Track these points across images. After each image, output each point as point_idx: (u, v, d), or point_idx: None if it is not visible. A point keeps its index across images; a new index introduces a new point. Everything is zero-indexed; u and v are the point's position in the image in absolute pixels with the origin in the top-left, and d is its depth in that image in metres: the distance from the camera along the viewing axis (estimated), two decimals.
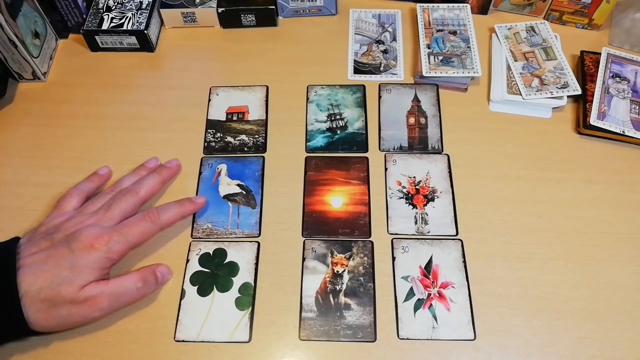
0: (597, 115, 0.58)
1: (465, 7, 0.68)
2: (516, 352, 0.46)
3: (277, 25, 0.70)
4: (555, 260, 0.51)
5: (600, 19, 0.67)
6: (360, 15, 0.71)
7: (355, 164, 0.57)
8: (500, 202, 0.54)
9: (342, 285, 0.50)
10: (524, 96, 0.60)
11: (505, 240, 0.52)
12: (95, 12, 0.67)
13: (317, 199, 0.55)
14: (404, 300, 0.49)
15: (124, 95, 0.64)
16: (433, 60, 0.63)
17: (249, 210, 0.55)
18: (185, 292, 0.50)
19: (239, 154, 0.59)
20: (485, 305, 0.48)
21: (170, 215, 0.50)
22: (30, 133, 0.61)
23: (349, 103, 0.62)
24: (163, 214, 0.49)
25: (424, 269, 0.51)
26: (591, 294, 0.49)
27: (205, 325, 0.48)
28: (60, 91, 0.64)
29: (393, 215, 0.54)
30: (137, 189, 0.51)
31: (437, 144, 0.59)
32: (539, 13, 0.69)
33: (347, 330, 0.47)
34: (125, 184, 0.53)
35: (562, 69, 0.62)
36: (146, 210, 0.49)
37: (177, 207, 0.51)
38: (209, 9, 0.67)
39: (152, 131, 0.60)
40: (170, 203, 0.51)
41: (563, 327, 0.47)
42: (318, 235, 0.53)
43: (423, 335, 0.47)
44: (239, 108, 0.62)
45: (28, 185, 0.57)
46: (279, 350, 0.47)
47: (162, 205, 0.50)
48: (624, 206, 0.54)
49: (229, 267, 0.51)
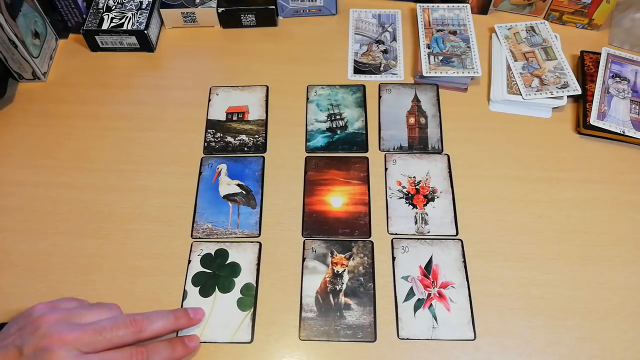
0: (597, 115, 0.58)
1: (465, 7, 0.68)
2: (516, 352, 0.46)
3: (277, 25, 0.70)
4: (555, 260, 0.51)
5: (600, 19, 0.67)
6: (360, 15, 0.71)
7: (355, 164, 0.57)
8: (500, 202, 0.55)
9: (342, 285, 0.50)
10: (524, 96, 0.60)
11: (505, 240, 0.52)
12: (95, 12, 0.67)
13: (317, 199, 0.55)
14: (404, 300, 0.49)
15: (124, 95, 0.64)
16: (433, 60, 0.63)
17: (249, 210, 0.55)
18: (187, 293, 0.50)
19: (239, 154, 0.59)
20: (485, 305, 0.49)
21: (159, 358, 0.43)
22: (30, 133, 0.61)
23: (349, 103, 0.62)
24: (152, 356, 0.42)
25: (424, 269, 0.51)
26: (591, 294, 0.49)
27: (207, 326, 0.48)
28: (60, 91, 0.64)
29: (393, 215, 0.54)
30: (143, 327, 0.42)
31: (437, 144, 0.59)
32: (539, 13, 0.69)
33: (347, 330, 0.48)
34: (151, 316, 0.44)
35: (562, 69, 0.62)
36: (134, 349, 0.42)
37: (169, 349, 0.44)
38: (209, 9, 0.67)
39: (152, 131, 0.60)
40: (161, 344, 0.44)
41: (563, 327, 0.47)
42: (318, 235, 0.53)
43: (423, 335, 0.47)
44: (239, 108, 0.62)
45: (28, 185, 0.57)
46: (279, 350, 0.47)
47: (152, 346, 0.43)
48: (624, 206, 0.54)
49: (230, 268, 0.51)
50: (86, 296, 0.47)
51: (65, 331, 0.40)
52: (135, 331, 0.41)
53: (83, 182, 0.57)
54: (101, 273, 0.51)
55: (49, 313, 0.42)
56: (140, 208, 0.55)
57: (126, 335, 0.41)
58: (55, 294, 0.50)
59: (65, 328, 0.40)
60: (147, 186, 0.56)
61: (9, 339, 0.41)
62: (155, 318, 0.43)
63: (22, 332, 0.41)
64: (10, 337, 0.41)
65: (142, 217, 0.54)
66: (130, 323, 0.42)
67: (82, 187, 0.56)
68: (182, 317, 0.45)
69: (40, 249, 0.52)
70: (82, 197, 0.56)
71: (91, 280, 0.51)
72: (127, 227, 0.54)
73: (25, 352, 0.39)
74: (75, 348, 0.39)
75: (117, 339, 0.41)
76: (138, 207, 0.55)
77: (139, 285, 0.50)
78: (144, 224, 0.54)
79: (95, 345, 0.40)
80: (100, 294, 0.50)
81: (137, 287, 0.50)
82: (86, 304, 0.45)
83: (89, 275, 0.51)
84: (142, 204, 0.55)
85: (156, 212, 0.55)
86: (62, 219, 0.54)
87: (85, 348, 0.40)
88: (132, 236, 0.53)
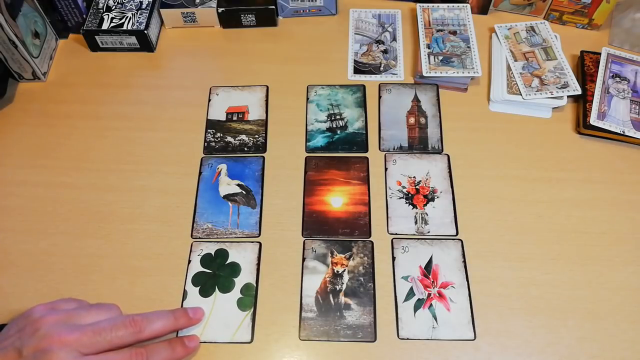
0: (597, 115, 0.58)
1: (465, 7, 0.68)
2: (516, 352, 0.46)
3: (277, 25, 0.70)
4: (555, 260, 0.51)
5: (600, 19, 0.67)
6: (360, 15, 0.71)
7: (355, 164, 0.57)
8: (500, 202, 0.55)
9: (342, 285, 0.50)
10: (524, 96, 0.60)
11: (505, 240, 0.52)
12: (95, 12, 0.67)
13: (317, 199, 0.55)
14: (404, 300, 0.49)
15: (124, 96, 0.64)
16: (433, 60, 0.63)
17: (249, 210, 0.55)
18: (187, 293, 0.50)
19: (239, 154, 0.59)
20: (485, 305, 0.49)
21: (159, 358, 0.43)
22: (30, 133, 0.61)
23: (349, 103, 0.62)
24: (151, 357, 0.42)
25: (424, 269, 0.51)
26: (591, 294, 0.49)
27: (207, 326, 0.48)
28: (60, 91, 0.64)
29: (393, 215, 0.54)
30: (142, 328, 0.42)
31: (437, 144, 0.59)
32: (539, 13, 0.69)
33: (347, 330, 0.48)
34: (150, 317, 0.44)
35: (562, 69, 0.62)
36: (133, 350, 0.42)
37: (169, 349, 0.44)
38: (209, 9, 0.67)
39: (152, 131, 0.60)
40: (161, 344, 0.44)
41: (563, 327, 0.47)
42: (318, 235, 0.53)
43: (423, 335, 0.47)
44: (239, 108, 0.62)
45: (28, 185, 0.57)
46: (279, 350, 0.47)
47: (151, 346, 0.43)
48: (624, 206, 0.54)
49: (230, 268, 0.51)
50: (86, 296, 0.47)
51: (65, 332, 0.40)
52: (134, 332, 0.41)
53: (83, 182, 0.57)
54: (101, 273, 0.51)
55: (49, 314, 0.42)
56: (140, 208, 0.55)
57: (125, 335, 0.41)
58: (55, 294, 0.50)
59: (64, 329, 0.40)
60: (147, 186, 0.56)
61: (8, 341, 0.41)
62: (155, 318, 0.43)
63: (21, 333, 0.41)
64: (10, 339, 0.41)
65: (142, 217, 0.54)
66: (129, 324, 0.42)
67: (82, 187, 0.56)
68: (182, 317, 0.45)
69: (40, 249, 0.52)
70: (82, 197, 0.56)
71: (91, 280, 0.51)
72: (127, 227, 0.54)
73: (24, 353, 0.39)
74: (74, 349, 0.39)
75: (117, 339, 0.41)
76: (138, 207, 0.55)
77: (139, 285, 0.50)
78: (144, 224, 0.54)
79: (94, 346, 0.40)
80: (100, 294, 0.50)
81: (137, 287, 0.50)
82: (86, 305, 0.45)
83: (89, 275, 0.51)
84: (142, 204, 0.55)
85: (156, 212, 0.55)
86: (62, 219, 0.54)
87: (84, 349, 0.40)
88: (132, 236, 0.53)
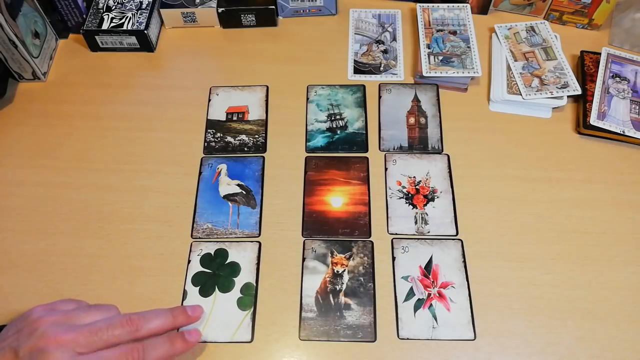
0: (597, 115, 0.58)
1: (465, 7, 0.68)
2: (516, 352, 0.46)
3: (277, 25, 0.70)
4: (555, 260, 0.51)
5: (600, 19, 0.67)
6: (360, 15, 0.71)
7: (355, 164, 0.57)
8: (500, 202, 0.55)
9: (342, 285, 0.50)
10: (524, 96, 0.60)
11: (505, 240, 0.52)
12: (95, 12, 0.67)
13: (317, 199, 0.55)
14: (404, 300, 0.49)
15: (124, 95, 0.64)
16: (433, 60, 0.63)
17: (249, 210, 0.55)
18: (187, 293, 0.50)
19: (239, 154, 0.59)
20: (485, 305, 0.49)
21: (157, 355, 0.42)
22: (30, 133, 0.61)
23: (349, 103, 0.62)
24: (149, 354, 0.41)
25: (424, 269, 0.51)
26: (591, 294, 0.49)
27: (207, 326, 0.48)
28: (60, 91, 0.64)
29: (393, 215, 0.54)
30: (139, 326, 0.42)
31: (437, 144, 0.59)
32: (539, 13, 0.69)
33: (347, 330, 0.48)
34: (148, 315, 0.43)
35: (562, 69, 0.62)
36: (130, 346, 0.41)
37: (167, 344, 0.43)
38: (209, 9, 0.67)
39: (152, 131, 0.60)
40: (159, 339, 0.43)
41: (563, 327, 0.47)
42: (318, 235, 0.53)
43: (423, 335, 0.47)
44: (239, 108, 0.62)
45: (28, 185, 0.57)
46: (279, 350, 0.47)
47: (149, 341, 0.42)
48: (624, 206, 0.54)
49: (230, 268, 0.51)
50: (86, 296, 0.47)
51: (61, 332, 0.40)
52: (131, 330, 0.41)
53: (83, 182, 0.57)
54: (101, 273, 0.51)
55: (47, 315, 0.42)
56: (140, 208, 0.55)
57: (122, 335, 0.41)
58: (55, 294, 0.50)
59: (61, 329, 0.40)
60: (147, 186, 0.56)
61: (5, 342, 0.41)
62: (152, 317, 0.43)
63: (19, 334, 0.41)
64: (8, 340, 0.41)
65: (142, 217, 0.54)
66: (126, 323, 0.41)
67: (82, 187, 0.56)
68: (180, 315, 0.45)
69: (40, 249, 0.52)
70: (82, 197, 0.56)
71: (91, 280, 0.51)
72: (127, 227, 0.54)
73: (21, 353, 0.39)
74: (70, 349, 0.39)
75: (113, 338, 0.41)
76: (138, 207, 0.55)
77: (139, 285, 0.50)
78: (144, 224, 0.54)
79: (91, 346, 0.40)
80: (100, 294, 0.50)
81: (137, 287, 0.50)
82: (85, 306, 0.45)
83: (89, 275, 0.51)
84: (142, 204, 0.55)
85: (156, 212, 0.55)
86: (62, 219, 0.54)
87: (81, 349, 0.40)
88: (132, 236, 0.53)
